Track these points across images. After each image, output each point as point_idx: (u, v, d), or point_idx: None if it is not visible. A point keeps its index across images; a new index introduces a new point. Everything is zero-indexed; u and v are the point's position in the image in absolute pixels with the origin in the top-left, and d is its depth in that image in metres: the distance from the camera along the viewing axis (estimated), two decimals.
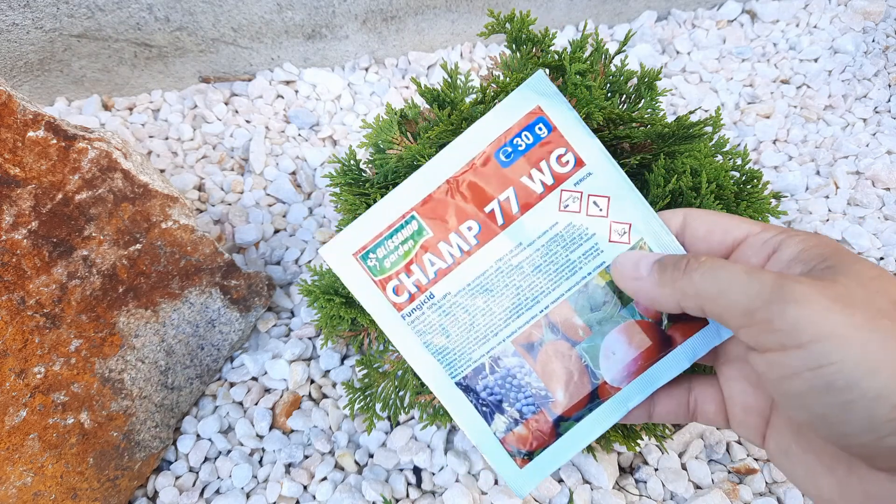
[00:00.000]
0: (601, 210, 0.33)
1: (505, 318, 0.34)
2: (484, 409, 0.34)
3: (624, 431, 0.52)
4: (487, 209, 0.33)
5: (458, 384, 0.34)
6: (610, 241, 0.33)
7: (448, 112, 0.45)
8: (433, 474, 0.62)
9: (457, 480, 0.61)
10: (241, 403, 0.69)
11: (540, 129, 0.33)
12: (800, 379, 0.23)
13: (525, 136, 0.33)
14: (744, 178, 0.47)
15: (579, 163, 0.34)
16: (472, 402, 0.34)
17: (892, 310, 0.22)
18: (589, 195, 0.33)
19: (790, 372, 0.23)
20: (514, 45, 0.49)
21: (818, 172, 0.90)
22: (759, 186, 0.46)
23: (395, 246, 0.34)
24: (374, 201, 0.50)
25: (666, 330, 0.33)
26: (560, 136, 0.33)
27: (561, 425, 0.34)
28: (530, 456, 0.34)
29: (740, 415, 0.31)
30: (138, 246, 0.62)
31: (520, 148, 0.33)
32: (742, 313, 0.24)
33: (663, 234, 0.33)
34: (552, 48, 0.49)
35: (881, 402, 0.21)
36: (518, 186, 0.33)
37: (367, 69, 1.05)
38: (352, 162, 0.55)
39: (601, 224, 0.33)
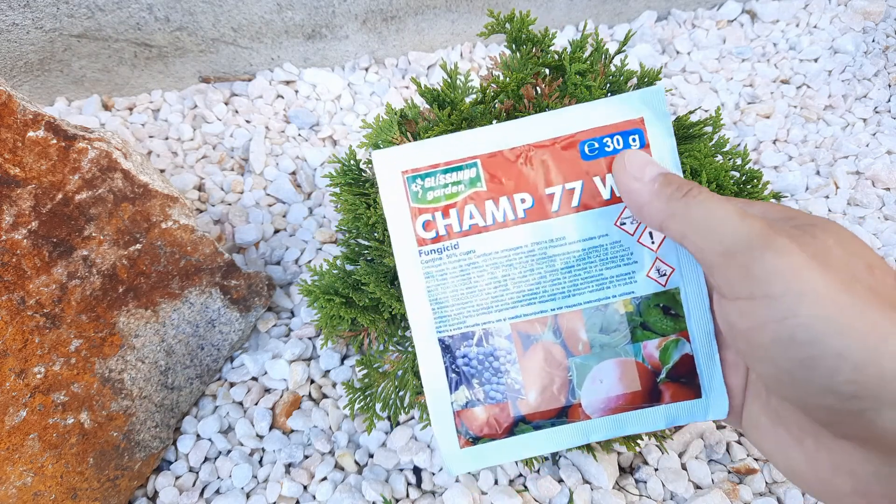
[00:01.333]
0: (653, 243, 0.32)
1: (515, 299, 0.33)
2: (453, 375, 0.33)
3: None
4: (549, 191, 0.32)
5: (440, 340, 0.33)
6: (648, 276, 0.32)
7: (448, 112, 0.45)
8: (433, 474, 0.62)
9: (457, 480, 0.61)
10: (241, 403, 0.69)
11: (634, 139, 0.32)
12: (765, 330, 0.23)
13: (617, 139, 0.32)
14: (744, 178, 0.47)
15: None
16: (445, 363, 0.33)
17: (867, 274, 0.23)
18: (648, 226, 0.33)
19: (757, 322, 0.23)
20: (513, 45, 0.49)
21: (818, 172, 0.90)
22: (759, 186, 0.46)
23: (446, 183, 0.33)
24: (375, 201, 0.50)
25: (660, 383, 0.32)
26: (649, 154, 0.32)
27: (518, 426, 0.33)
28: (475, 441, 0.33)
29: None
30: (138, 246, 0.62)
31: (607, 148, 0.32)
32: (722, 253, 0.25)
33: (700, 295, 0.32)
34: (552, 48, 0.49)
35: (842, 361, 0.21)
36: (588, 183, 0.32)
37: (367, 69, 1.05)
38: (352, 162, 0.55)
39: (647, 256, 0.32)
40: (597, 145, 0.32)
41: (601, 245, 0.32)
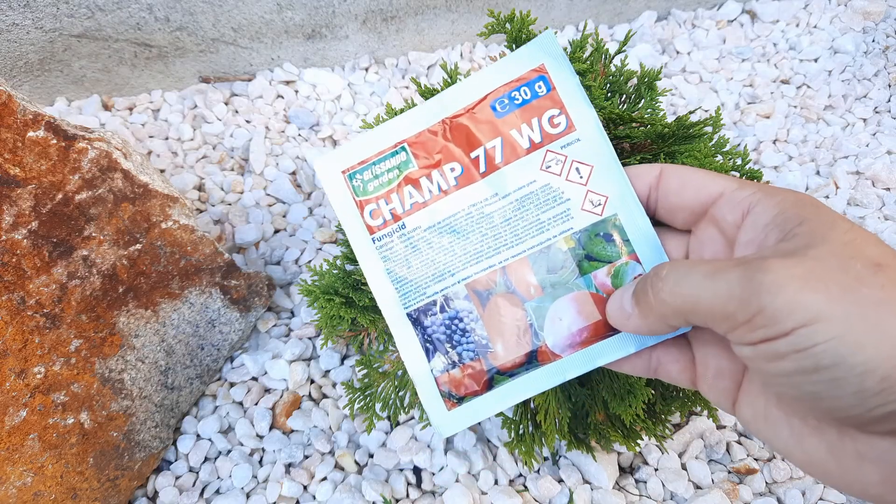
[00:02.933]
0: (581, 178, 0.34)
1: (465, 261, 0.34)
2: (427, 344, 0.35)
3: (624, 431, 0.52)
4: (473, 155, 0.34)
5: (409, 315, 0.35)
6: (582, 209, 0.34)
7: None
8: (433, 474, 0.62)
9: (457, 480, 0.61)
10: (241, 403, 0.69)
11: (539, 86, 0.34)
12: (787, 360, 0.23)
13: (524, 90, 0.34)
14: (744, 178, 0.47)
15: (570, 127, 0.34)
16: (418, 335, 0.35)
17: (869, 273, 0.22)
18: (573, 161, 0.34)
19: (777, 356, 0.23)
20: (514, 45, 0.49)
21: (818, 172, 0.90)
22: None
23: (381, 172, 0.35)
24: None
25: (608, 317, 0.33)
26: (557, 97, 0.34)
27: (495, 378, 0.34)
28: (460, 401, 0.35)
29: (711, 378, 0.30)
30: (138, 246, 0.62)
31: (516, 101, 0.34)
32: (722, 320, 0.24)
33: (639, 215, 0.33)
34: None
35: (869, 375, 0.21)
36: (506, 138, 0.34)
37: (367, 69, 1.05)
38: None
39: (578, 191, 0.34)
40: (506, 101, 0.34)
41: (532, 192, 0.34)
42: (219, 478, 0.64)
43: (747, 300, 0.23)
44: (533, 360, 0.34)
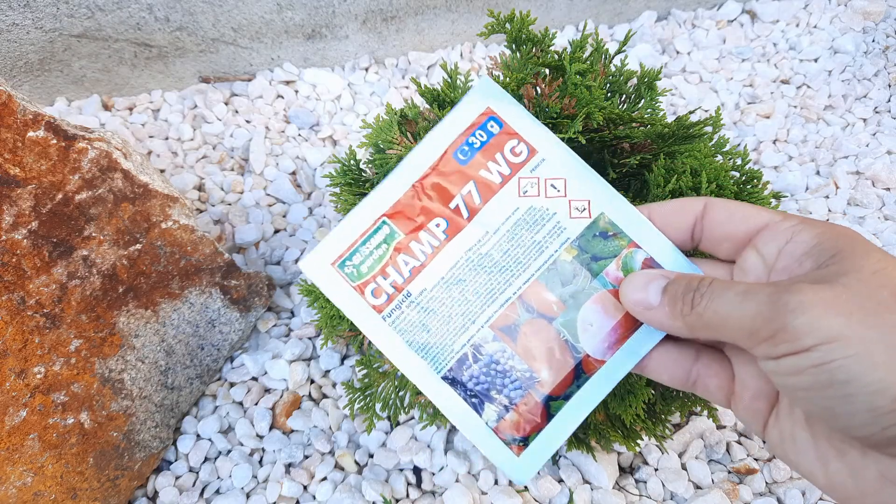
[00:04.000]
0: (559, 191, 0.35)
1: (480, 304, 0.35)
2: (473, 400, 0.35)
3: (624, 431, 0.52)
4: (452, 205, 0.35)
5: (444, 378, 0.35)
6: (571, 217, 0.35)
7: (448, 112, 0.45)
8: (433, 474, 0.62)
9: (457, 480, 0.61)
10: (241, 403, 0.69)
11: (492, 126, 0.36)
12: (804, 375, 0.24)
13: (479, 134, 0.36)
14: (744, 178, 0.47)
15: (532, 151, 0.35)
16: (460, 394, 0.35)
17: (895, 301, 0.23)
18: (546, 179, 0.35)
19: (796, 370, 0.24)
20: (514, 46, 0.49)
21: (818, 172, 0.90)
22: (759, 186, 0.46)
23: (370, 251, 0.35)
24: None
25: (620, 296, 0.34)
26: (511, 129, 0.35)
27: (551, 406, 0.34)
28: (525, 442, 0.35)
29: (748, 399, 0.31)
30: (138, 246, 0.62)
31: (475, 146, 0.35)
32: (748, 336, 0.25)
33: (621, 205, 0.34)
34: (552, 48, 0.49)
35: (881, 395, 0.22)
36: (478, 180, 0.35)
37: (367, 69, 1.05)
38: (352, 162, 0.55)
39: (561, 203, 0.35)
40: (466, 148, 0.36)
41: (519, 218, 0.35)
42: (219, 478, 0.64)
43: (772, 318, 0.24)
44: (580, 373, 0.34)
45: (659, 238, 0.34)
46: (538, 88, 0.46)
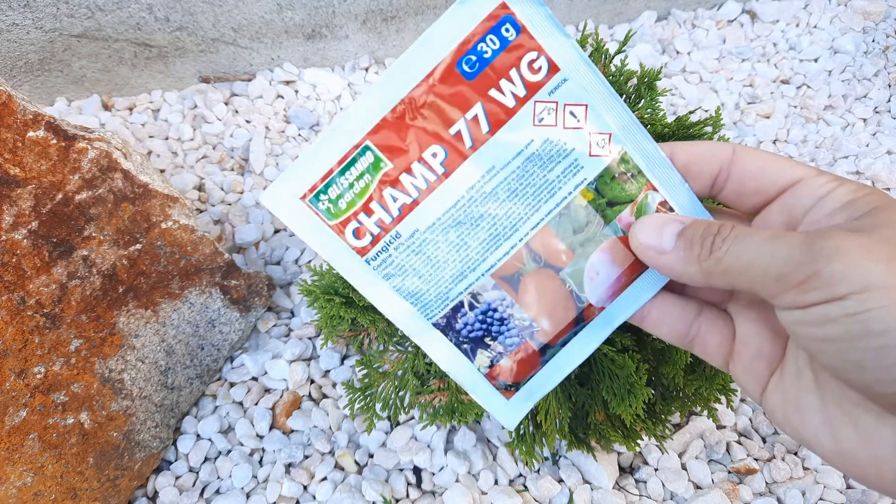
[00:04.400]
0: (578, 121, 0.30)
1: (482, 251, 0.30)
2: (465, 346, 0.32)
3: (624, 431, 0.52)
4: (453, 130, 0.29)
5: (435, 325, 0.32)
6: (590, 154, 0.30)
7: None
8: (433, 474, 0.62)
9: (457, 480, 0.61)
10: (241, 403, 0.69)
11: (507, 30, 0.28)
12: (836, 325, 0.22)
13: (490, 40, 0.28)
14: None
15: (553, 68, 0.29)
16: (451, 340, 0.32)
17: None
18: (565, 105, 0.29)
19: (827, 319, 0.23)
20: None
21: None
22: None
23: (350, 183, 0.29)
24: None
25: (629, 239, 0.31)
26: (530, 37, 0.29)
27: (546, 352, 0.32)
28: (516, 387, 0.32)
29: (748, 359, 0.29)
30: (138, 246, 0.62)
31: (485, 55, 0.28)
32: (775, 280, 0.24)
33: (644, 140, 0.30)
34: None
35: None
36: (487, 101, 0.29)
37: (367, 69, 1.05)
38: None
39: (580, 136, 0.30)
40: (474, 58, 0.28)
41: (532, 153, 0.30)
42: (219, 478, 0.64)
43: (805, 262, 0.23)
44: (580, 320, 0.32)
45: (678, 182, 0.30)
46: None
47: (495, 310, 0.31)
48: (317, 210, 0.30)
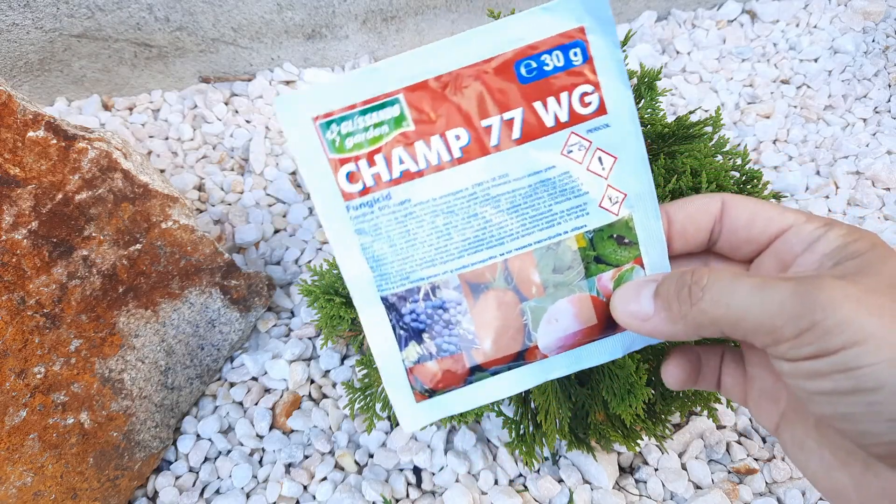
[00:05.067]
0: (603, 169, 0.29)
1: (461, 248, 0.29)
2: (402, 332, 0.31)
3: (624, 431, 0.52)
4: (486, 123, 0.28)
5: (383, 299, 0.30)
6: (600, 205, 0.30)
7: None
8: (433, 474, 0.62)
9: (457, 480, 0.61)
10: (241, 403, 0.69)
11: (575, 53, 0.28)
12: (827, 380, 0.22)
13: (556, 55, 0.28)
14: (744, 178, 0.47)
15: (601, 109, 0.29)
16: (391, 321, 0.31)
17: None
18: (597, 148, 0.29)
19: (817, 374, 0.22)
20: None
21: (818, 172, 0.90)
22: (759, 186, 0.46)
23: (366, 126, 0.28)
24: None
25: (611, 312, 0.30)
26: (593, 70, 0.28)
27: (474, 374, 0.31)
28: (431, 394, 0.31)
29: (757, 398, 0.30)
30: (138, 246, 0.62)
31: (546, 67, 0.28)
32: (766, 333, 0.23)
33: (653, 217, 0.30)
34: None
35: None
36: (528, 110, 0.28)
37: None
38: None
39: (598, 184, 0.29)
40: (534, 65, 0.28)
41: (548, 178, 0.29)
42: (219, 478, 0.64)
43: (799, 315, 0.22)
44: (520, 358, 0.31)
45: (663, 258, 0.31)
46: None
47: (447, 310, 0.30)
48: (322, 136, 0.29)
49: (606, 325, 0.31)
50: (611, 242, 0.30)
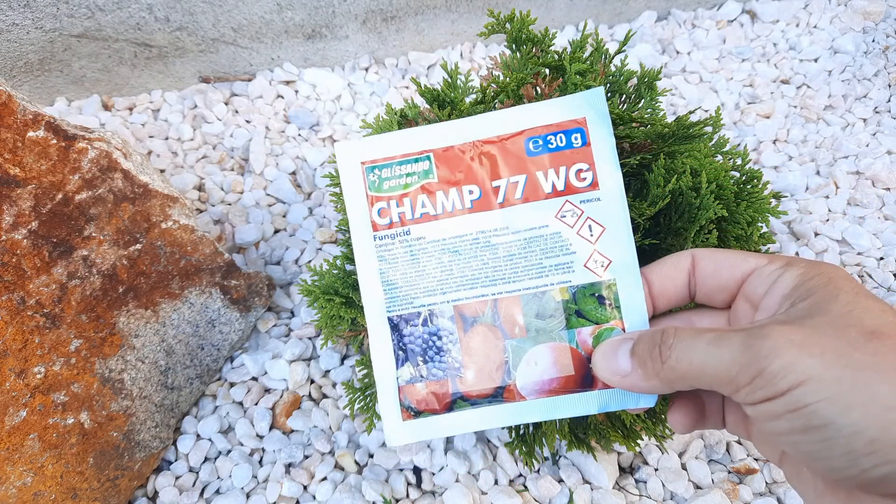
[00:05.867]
0: (592, 236, 0.34)
1: (460, 283, 0.35)
2: (399, 352, 0.35)
3: (624, 431, 0.52)
4: (495, 184, 0.35)
5: (389, 319, 0.35)
6: (585, 266, 0.34)
7: (448, 112, 0.45)
8: (433, 474, 0.62)
9: (457, 480, 0.61)
10: (241, 403, 0.69)
11: (576, 138, 0.34)
12: (782, 420, 0.24)
13: (560, 137, 0.34)
14: (744, 178, 0.47)
15: (594, 185, 0.34)
16: (393, 340, 0.35)
17: (863, 340, 0.23)
18: (588, 217, 0.34)
19: (774, 416, 0.24)
20: (514, 45, 0.49)
21: (818, 172, 0.90)
22: (759, 186, 0.46)
23: (400, 174, 0.35)
24: None
25: (592, 369, 0.34)
26: (590, 153, 0.34)
27: (457, 402, 0.35)
28: (417, 415, 0.35)
29: (758, 434, 0.31)
30: (138, 246, 0.62)
31: (550, 145, 0.34)
32: (726, 383, 0.25)
33: (635, 286, 0.34)
34: (552, 48, 0.49)
35: (857, 437, 0.22)
36: (531, 177, 0.34)
37: (367, 69, 1.05)
38: None
39: (585, 248, 0.34)
40: (541, 142, 0.34)
41: (541, 235, 0.34)
42: (219, 478, 0.64)
43: (748, 364, 0.24)
44: (499, 395, 0.35)
45: (644, 322, 0.34)
46: (538, 88, 0.46)
47: (440, 337, 0.35)
48: (365, 177, 0.35)
49: (583, 378, 0.34)
50: (592, 300, 0.34)
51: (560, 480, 0.61)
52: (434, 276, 0.35)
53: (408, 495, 0.61)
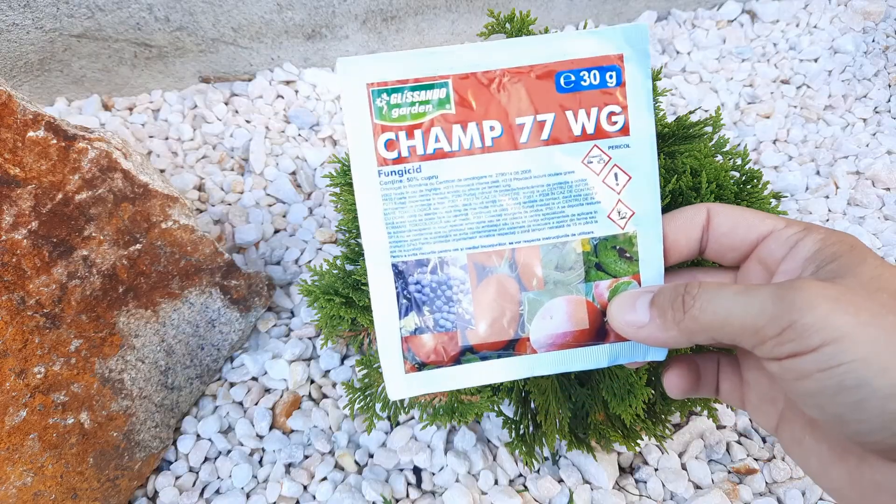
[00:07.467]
0: (617, 184, 0.32)
1: (475, 230, 0.32)
2: (404, 301, 0.33)
3: (624, 431, 0.52)
4: (519, 121, 0.31)
5: (393, 265, 0.32)
6: (608, 217, 0.32)
7: None
8: (433, 474, 0.62)
9: (457, 480, 0.61)
10: (241, 403, 0.69)
11: (611, 76, 0.31)
12: (812, 380, 0.23)
13: (594, 74, 0.31)
14: (744, 178, 0.47)
15: (625, 130, 0.32)
16: (397, 288, 0.32)
17: (894, 303, 0.23)
18: (615, 165, 0.32)
19: (802, 374, 0.23)
20: None
21: (818, 172, 0.90)
22: (759, 186, 0.46)
23: (413, 101, 0.31)
24: None
25: (607, 323, 0.32)
26: (624, 94, 0.31)
27: (465, 355, 0.33)
28: (421, 367, 0.33)
29: (755, 401, 0.31)
30: (138, 246, 0.62)
31: (583, 82, 0.31)
32: (751, 334, 0.24)
33: (656, 239, 0.32)
34: None
35: (892, 399, 0.21)
36: (560, 116, 0.31)
37: None
38: None
39: (610, 197, 0.32)
40: (573, 78, 0.31)
41: (566, 182, 0.32)
42: (219, 478, 0.64)
43: (779, 315, 0.23)
44: (510, 348, 0.33)
45: (659, 277, 0.33)
46: None
47: (450, 287, 0.32)
48: (371, 102, 0.31)
49: (597, 332, 0.33)
50: (612, 253, 0.32)
51: (560, 480, 0.61)
52: (447, 221, 0.31)
53: (408, 495, 0.61)
